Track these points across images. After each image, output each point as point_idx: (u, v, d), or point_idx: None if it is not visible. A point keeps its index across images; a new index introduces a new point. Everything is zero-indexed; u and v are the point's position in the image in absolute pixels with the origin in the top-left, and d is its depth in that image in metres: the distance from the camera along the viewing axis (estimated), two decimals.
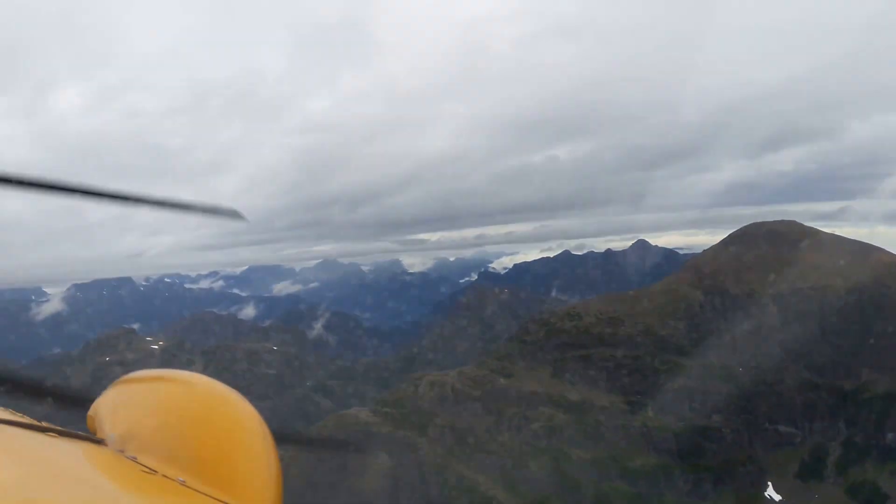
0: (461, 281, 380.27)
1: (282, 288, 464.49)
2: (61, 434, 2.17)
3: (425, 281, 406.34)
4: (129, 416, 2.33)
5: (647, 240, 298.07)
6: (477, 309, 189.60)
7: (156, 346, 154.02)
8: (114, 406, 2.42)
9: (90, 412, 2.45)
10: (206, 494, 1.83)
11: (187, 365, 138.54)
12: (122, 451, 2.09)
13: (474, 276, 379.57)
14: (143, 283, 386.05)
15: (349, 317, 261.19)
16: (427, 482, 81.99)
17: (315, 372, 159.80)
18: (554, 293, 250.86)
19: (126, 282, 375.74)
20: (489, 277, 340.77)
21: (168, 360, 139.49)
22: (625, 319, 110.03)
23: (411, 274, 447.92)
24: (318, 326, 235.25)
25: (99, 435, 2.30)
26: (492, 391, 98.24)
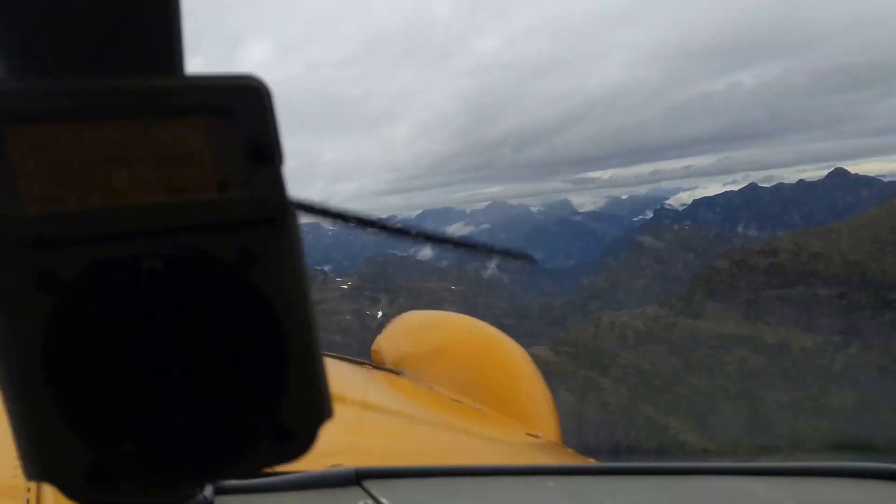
0: (635, 219, 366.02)
1: (455, 230, 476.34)
2: (373, 367, 2.34)
3: (597, 220, 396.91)
4: (414, 351, 2.46)
5: (845, 168, 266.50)
6: (654, 247, 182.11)
7: (345, 286, 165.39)
8: (398, 343, 2.57)
9: (374, 347, 2.59)
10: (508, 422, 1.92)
11: (373, 304, 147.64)
12: (418, 383, 2.19)
13: (650, 214, 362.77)
14: (330, 228, 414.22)
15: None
16: (613, 423, 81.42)
17: (491, 311, 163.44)
18: (740, 229, 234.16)
19: (316, 227, 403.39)
20: (666, 214, 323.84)
21: (357, 298, 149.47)
22: (825, 254, 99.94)
23: (582, 213, 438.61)
24: (491, 267, 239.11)
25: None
26: (678, 333, 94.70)
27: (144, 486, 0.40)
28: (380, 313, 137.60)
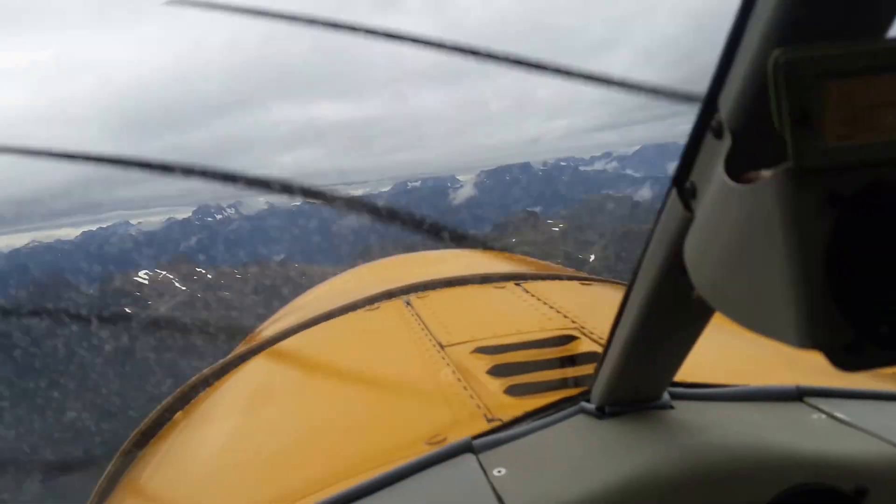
0: None
1: None
2: None
3: None
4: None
5: None
6: None
7: (556, 229, 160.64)
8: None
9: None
10: None
11: (587, 247, 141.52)
12: None
13: None
14: (541, 168, 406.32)
15: None
16: None
17: None
18: None
19: (526, 167, 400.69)
20: None
21: (569, 242, 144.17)
22: None
23: None
24: None
25: None
26: None
27: (887, 358, 0.52)
28: (592, 257, 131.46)
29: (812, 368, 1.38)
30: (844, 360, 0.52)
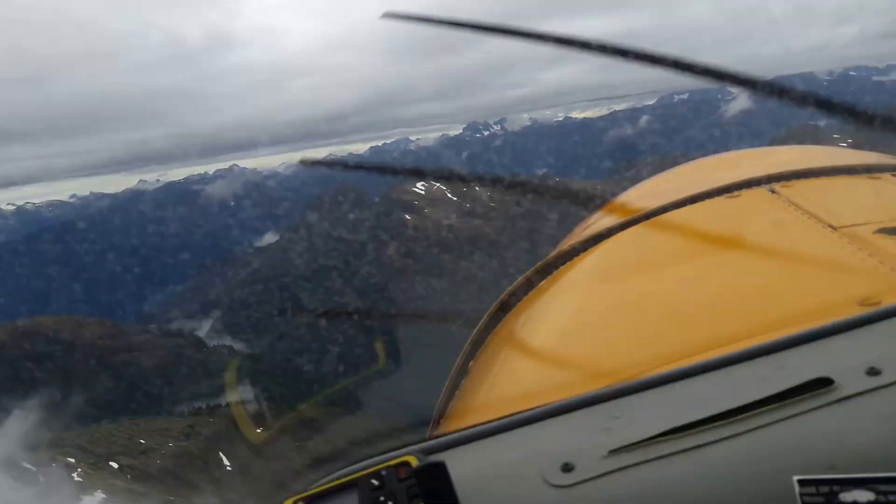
0: None
1: None
2: None
3: None
4: None
5: None
6: None
7: (844, 144, 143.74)
8: None
9: None
10: None
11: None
12: None
13: None
14: (826, 78, 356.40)
15: None
16: None
17: None
18: None
19: (808, 77, 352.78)
20: None
21: None
22: None
23: None
24: None
25: None
26: None
27: None
28: None
29: None
30: None
